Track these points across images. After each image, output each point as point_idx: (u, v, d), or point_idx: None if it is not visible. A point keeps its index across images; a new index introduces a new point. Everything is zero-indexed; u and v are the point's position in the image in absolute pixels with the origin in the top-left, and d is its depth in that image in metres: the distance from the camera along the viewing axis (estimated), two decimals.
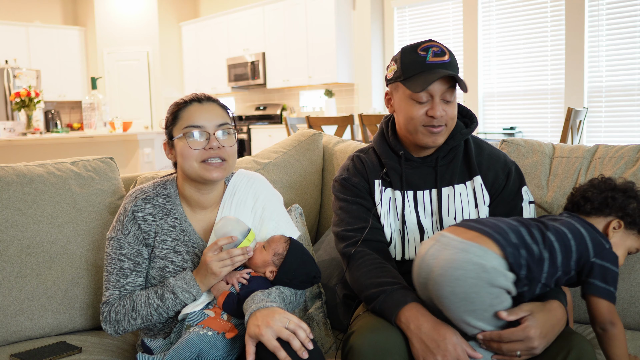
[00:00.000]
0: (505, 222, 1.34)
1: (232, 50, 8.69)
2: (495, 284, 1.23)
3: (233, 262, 1.37)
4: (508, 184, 1.54)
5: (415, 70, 1.46)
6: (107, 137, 5.16)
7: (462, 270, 1.22)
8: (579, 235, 1.34)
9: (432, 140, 1.49)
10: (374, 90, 7.22)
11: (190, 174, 1.44)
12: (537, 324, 1.24)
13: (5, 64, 8.22)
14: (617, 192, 1.43)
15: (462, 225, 1.33)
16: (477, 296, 1.22)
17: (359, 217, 1.55)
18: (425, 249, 1.31)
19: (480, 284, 1.22)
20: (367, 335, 1.29)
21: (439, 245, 1.28)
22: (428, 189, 1.55)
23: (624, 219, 1.41)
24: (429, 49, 1.46)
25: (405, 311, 1.32)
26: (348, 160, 1.65)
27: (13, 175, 1.70)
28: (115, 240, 1.47)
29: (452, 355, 1.24)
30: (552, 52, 5.70)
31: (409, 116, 1.48)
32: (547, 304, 1.30)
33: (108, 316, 1.45)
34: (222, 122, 1.45)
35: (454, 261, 1.23)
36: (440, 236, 1.31)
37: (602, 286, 1.31)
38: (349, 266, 1.50)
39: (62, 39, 9.74)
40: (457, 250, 1.25)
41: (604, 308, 1.31)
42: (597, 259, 1.32)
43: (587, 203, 1.44)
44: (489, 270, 1.22)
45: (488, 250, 1.24)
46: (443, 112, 1.46)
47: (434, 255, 1.27)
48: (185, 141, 1.42)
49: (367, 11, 7.10)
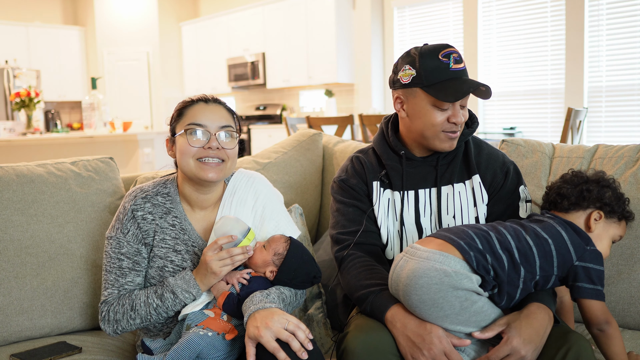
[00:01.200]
0: (476, 228, 1.35)
1: (232, 50, 8.69)
2: (460, 287, 1.25)
3: (233, 261, 1.37)
4: (506, 183, 1.55)
5: (440, 77, 1.45)
6: (107, 137, 5.16)
7: (425, 277, 1.25)
8: (560, 239, 1.34)
9: (450, 145, 1.51)
10: (374, 90, 7.22)
11: (187, 172, 1.44)
12: (517, 333, 1.24)
13: (5, 64, 8.22)
14: (590, 184, 1.43)
15: (432, 235, 1.36)
16: (444, 301, 1.25)
17: (354, 220, 1.55)
18: (396, 261, 1.34)
19: (444, 289, 1.24)
20: (360, 336, 1.30)
21: (407, 256, 1.32)
22: (428, 188, 1.55)
23: (603, 208, 1.41)
24: (449, 55, 1.45)
25: (391, 310, 1.33)
26: (347, 161, 1.65)
27: (13, 175, 1.70)
28: (115, 239, 1.47)
29: (438, 347, 1.25)
30: (552, 52, 5.70)
31: (430, 123, 1.48)
32: (524, 310, 1.30)
33: (107, 315, 1.45)
34: (225, 124, 1.45)
35: (418, 270, 1.26)
36: (410, 248, 1.34)
37: (589, 287, 1.31)
38: (341, 269, 1.52)
39: (62, 39, 9.74)
40: (421, 259, 1.28)
41: (597, 309, 1.31)
42: (580, 262, 1.32)
43: (564, 200, 1.43)
44: (450, 275, 1.24)
45: (449, 256, 1.27)
46: (462, 117, 1.48)
47: (402, 266, 1.31)
48: (185, 138, 1.42)
49: (367, 11, 7.10)
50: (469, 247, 1.28)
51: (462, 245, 1.28)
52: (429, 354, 1.24)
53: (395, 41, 7.08)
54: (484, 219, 1.53)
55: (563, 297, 1.51)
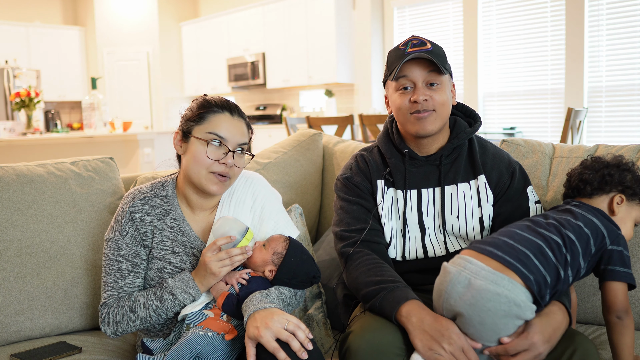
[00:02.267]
0: (524, 241, 1.31)
1: (232, 50, 8.69)
2: (523, 317, 1.25)
3: (232, 261, 1.37)
4: (512, 184, 1.55)
5: (396, 62, 1.50)
6: (107, 137, 5.16)
7: (494, 302, 1.23)
8: (594, 228, 1.35)
9: (421, 127, 1.49)
10: (374, 90, 7.22)
11: (193, 179, 1.44)
12: (539, 330, 1.24)
13: (5, 64, 8.22)
14: (611, 168, 1.45)
15: (481, 252, 1.31)
16: (504, 327, 1.24)
17: (359, 217, 1.55)
18: (448, 274, 1.29)
19: (509, 317, 1.23)
20: (364, 336, 1.29)
21: (467, 273, 1.27)
22: (431, 188, 1.55)
23: (625, 192, 1.43)
24: (408, 42, 1.51)
25: (406, 306, 1.32)
26: (352, 159, 1.65)
27: (13, 175, 1.70)
28: (113, 241, 1.47)
29: (457, 343, 1.25)
30: (552, 52, 5.70)
31: (397, 107, 1.52)
32: (545, 309, 1.30)
33: (107, 318, 1.45)
34: (243, 141, 1.46)
35: (487, 292, 1.23)
36: (464, 261, 1.29)
37: (623, 270, 1.32)
38: (347, 266, 1.51)
39: (62, 39, 9.74)
40: (488, 281, 1.24)
41: (622, 294, 1.32)
42: (614, 246, 1.34)
43: (587, 185, 1.45)
44: (520, 305, 1.23)
45: (517, 284, 1.25)
46: (427, 96, 1.47)
47: (461, 282, 1.27)
48: (204, 146, 1.41)
49: (367, 11, 7.10)
50: (529, 272, 1.26)
51: (523, 272, 1.26)
52: (449, 348, 1.24)
53: (395, 41, 7.08)
54: (489, 219, 1.53)
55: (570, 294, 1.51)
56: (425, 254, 1.55)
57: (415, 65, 1.48)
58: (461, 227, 1.53)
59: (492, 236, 1.36)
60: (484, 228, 1.53)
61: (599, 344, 1.50)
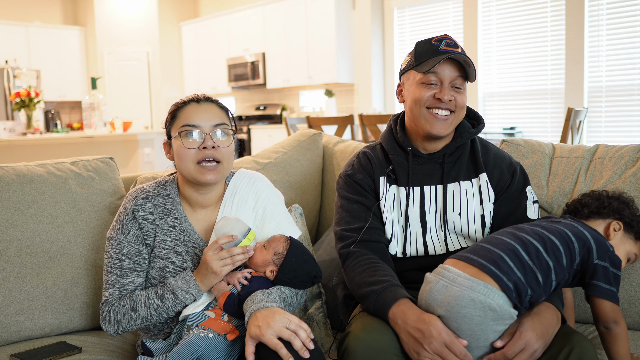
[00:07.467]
0: (501, 244, 1.33)
1: (232, 50, 8.69)
2: (501, 322, 1.25)
3: (233, 260, 1.37)
4: (513, 183, 1.56)
5: (428, 56, 1.51)
6: (107, 137, 5.16)
7: (469, 308, 1.24)
8: (582, 237, 1.34)
9: (437, 127, 1.51)
10: (374, 90, 7.22)
11: (186, 176, 1.44)
12: (529, 327, 1.25)
13: (5, 64, 8.22)
14: (611, 198, 1.48)
15: (460, 259, 1.33)
16: (482, 333, 1.25)
17: (359, 216, 1.55)
18: (430, 283, 1.32)
19: (486, 322, 1.24)
20: (362, 336, 1.29)
21: (445, 281, 1.29)
22: (434, 185, 1.56)
23: (622, 220, 1.45)
24: (442, 40, 1.52)
25: (394, 308, 1.33)
26: (354, 157, 1.66)
27: (13, 175, 1.70)
28: (115, 239, 1.47)
29: (438, 340, 1.24)
30: (552, 52, 5.70)
31: (416, 98, 1.52)
32: (534, 309, 1.31)
33: (107, 316, 1.45)
34: (218, 122, 1.45)
35: (461, 298, 1.24)
36: (443, 270, 1.31)
37: (605, 287, 1.32)
38: (345, 267, 1.52)
39: (62, 39, 9.74)
40: (463, 287, 1.26)
41: (607, 308, 1.32)
42: (600, 261, 1.33)
43: (584, 208, 1.48)
44: (495, 309, 1.24)
45: (493, 288, 1.25)
46: (451, 97, 1.49)
47: (439, 290, 1.28)
48: (180, 140, 1.42)
49: (367, 11, 7.10)
50: (502, 273, 1.26)
51: (497, 274, 1.26)
52: (429, 348, 1.24)
53: (395, 41, 7.08)
54: (489, 217, 1.54)
55: (565, 293, 1.51)
56: (426, 251, 1.55)
57: (447, 65, 1.50)
58: (463, 224, 1.53)
59: (475, 244, 1.39)
60: (485, 226, 1.54)
61: (598, 344, 1.50)
